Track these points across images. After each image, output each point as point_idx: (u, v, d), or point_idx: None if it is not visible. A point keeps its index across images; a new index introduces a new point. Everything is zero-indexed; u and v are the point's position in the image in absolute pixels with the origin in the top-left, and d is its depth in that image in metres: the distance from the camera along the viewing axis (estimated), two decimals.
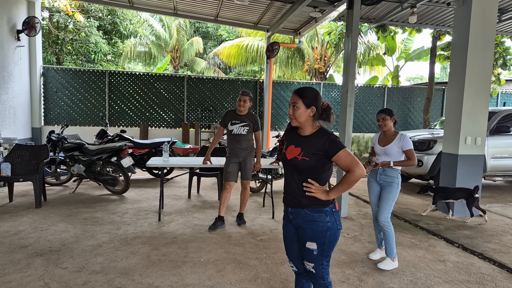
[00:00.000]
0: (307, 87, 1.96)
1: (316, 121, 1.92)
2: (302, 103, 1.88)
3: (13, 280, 2.73)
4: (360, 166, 1.81)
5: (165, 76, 9.59)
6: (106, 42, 15.56)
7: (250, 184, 4.51)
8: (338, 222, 1.91)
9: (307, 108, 1.88)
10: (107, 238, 3.68)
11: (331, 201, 1.90)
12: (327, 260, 1.94)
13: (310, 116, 1.89)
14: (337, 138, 1.87)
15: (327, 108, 1.91)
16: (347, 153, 1.82)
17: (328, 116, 1.92)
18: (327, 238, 1.87)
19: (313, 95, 1.91)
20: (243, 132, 4.18)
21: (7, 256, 3.16)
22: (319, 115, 1.90)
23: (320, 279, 1.95)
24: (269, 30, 9.42)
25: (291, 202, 1.97)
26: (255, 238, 3.86)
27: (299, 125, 1.93)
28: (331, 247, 1.91)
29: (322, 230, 1.87)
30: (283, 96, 10.07)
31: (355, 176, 1.82)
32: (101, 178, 5.43)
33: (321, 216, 1.87)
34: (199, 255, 3.34)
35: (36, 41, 8.50)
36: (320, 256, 1.90)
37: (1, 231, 3.76)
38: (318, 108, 1.89)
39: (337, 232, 1.91)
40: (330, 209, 1.89)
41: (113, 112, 9.19)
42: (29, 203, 4.90)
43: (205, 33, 20.12)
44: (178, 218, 4.46)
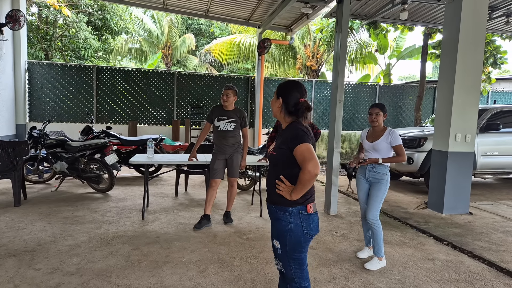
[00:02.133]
0: (289, 80, 1.93)
1: (287, 115, 1.87)
2: (275, 93, 1.91)
3: None
4: (312, 164, 1.70)
5: (155, 72, 9.40)
6: (96, 38, 15.28)
7: (238, 182, 4.40)
8: (305, 226, 1.79)
9: (277, 98, 1.88)
10: (86, 237, 3.54)
11: (300, 202, 1.78)
12: (296, 263, 1.82)
13: (278, 108, 1.88)
14: (300, 133, 1.78)
15: (299, 104, 1.83)
16: (305, 149, 1.73)
17: (299, 113, 1.83)
18: (288, 240, 1.79)
19: (285, 88, 1.88)
20: (229, 129, 4.06)
21: None
22: (288, 110, 1.85)
23: (292, 282, 1.86)
24: (261, 26, 9.29)
25: (267, 196, 1.93)
26: (241, 237, 3.75)
27: (276, 117, 1.95)
28: (295, 250, 1.80)
29: (283, 230, 1.80)
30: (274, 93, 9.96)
31: (304, 174, 1.70)
32: (85, 175, 5.27)
33: (284, 215, 1.80)
34: (182, 255, 3.22)
35: (21, 35, 8.24)
36: (285, 256, 1.82)
37: None
38: (286, 102, 1.84)
39: (302, 237, 1.79)
40: (297, 210, 1.79)
41: (101, 108, 8.99)
42: (8, 201, 4.73)
43: (197, 30, 19.91)
44: (163, 217, 4.33)
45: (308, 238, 1.82)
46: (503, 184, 7.38)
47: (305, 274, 1.86)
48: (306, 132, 1.80)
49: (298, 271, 1.83)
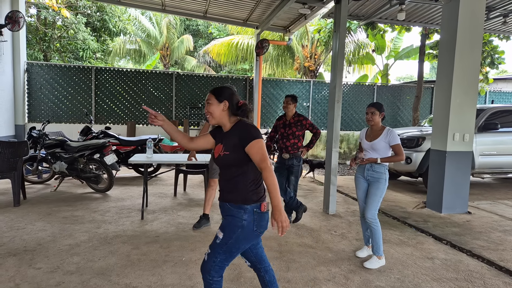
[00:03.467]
0: (221, 86, 2.01)
1: (232, 116, 1.93)
2: (214, 98, 1.92)
3: None
4: (268, 161, 1.78)
5: (153, 73, 9.42)
6: (95, 39, 15.28)
7: None
8: (256, 223, 1.85)
9: (220, 102, 1.91)
10: (86, 237, 3.55)
11: (255, 200, 1.85)
12: (224, 257, 1.87)
13: (224, 111, 1.91)
14: (251, 129, 1.85)
15: (242, 105, 1.93)
16: (259, 146, 1.79)
17: (244, 113, 1.93)
18: (236, 235, 1.84)
19: (226, 92, 1.94)
20: None
21: None
22: (234, 110, 1.92)
23: (207, 273, 1.89)
24: (259, 27, 9.32)
25: (220, 196, 1.97)
26: None
27: (217, 123, 1.95)
28: (237, 245, 1.86)
29: (235, 226, 1.84)
30: (272, 94, 9.99)
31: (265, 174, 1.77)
32: (84, 175, 5.27)
33: (239, 213, 1.84)
34: (181, 254, 3.23)
35: (20, 36, 8.25)
36: (220, 247, 1.86)
37: None
38: (232, 103, 1.92)
39: (252, 233, 1.86)
40: (252, 208, 1.84)
41: (99, 109, 9.00)
42: (8, 201, 4.72)
43: (195, 31, 19.94)
44: (162, 217, 4.34)
45: (256, 236, 1.89)
46: (502, 183, 7.42)
47: (222, 270, 1.91)
48: (255, 126, 1.89)
49: (218, 266, 1.88)
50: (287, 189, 4.21)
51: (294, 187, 4.28)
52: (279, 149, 4.27)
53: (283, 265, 3.06)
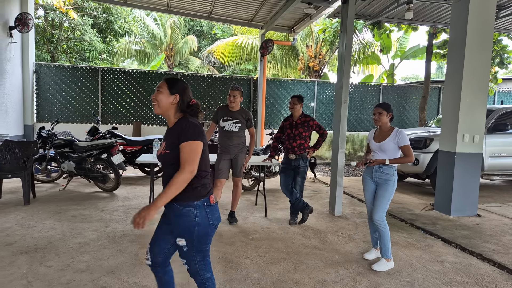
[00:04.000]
0: (176, 78, 1.94)
1: (179, 112, 1.87)
2: (166, 88, 1.85)
3: None
4: (191, 169, 1.73)
5: (158, 73, 9.47)
6: (101, 40, 15.41)
7: (242, 182, 4.42)
8: (210, 216, 1.84)
9: (171, 94, 1.84)
10: (95, 236, 3.58)
11: (203, 195, 1.83)
12: (201, 255, 1.86)
13: (172, 104, 1.85)
14: (191, 127, 1.79)
15: (194, 105, 1.89)
16: (191, 148, 1.75)
17: (193, 112, 1.89)
18: (196, 234, 1.81)
19: (182, 86, 1.88)
20: (234, 129, 4.09)
21: None
22: (184, 107, 1.87)
23: (196, 275, 1.89)
24: (263, 27, 9.33)
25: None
26: (247, 236, 3.77)
27: (161, 113, 1.87)
28: (202, 242, 1.84)
29: (190, 225, 1.80)
30: (277, 94, 9.98)
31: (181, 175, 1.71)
32: (92, 175, 5.32)
33: (190, 211, 1.80)
34: None
35: (29, 37, 8.35)
36: (191, 252, 1.84)
37: None
38: (183, 99, 1.86)
39: (209, 228, 1.85)
40: (201, 203, 1.82)
41: (106, 109, 9.07)
42: (18, 200, 4.78)
43: (199, 31, 19.99)
44: None
45: (214, 228, 1.88)
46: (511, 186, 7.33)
47: (208, 265, 1.91)
48: (198, 125, 1.83)
49: (202, 264, 1.88)
50: (293, 190, 4.21)
51: (300, 188, 4.27)
52: (285, 149, 4.27)
53: (290, 266, 3.05)
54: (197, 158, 1.76)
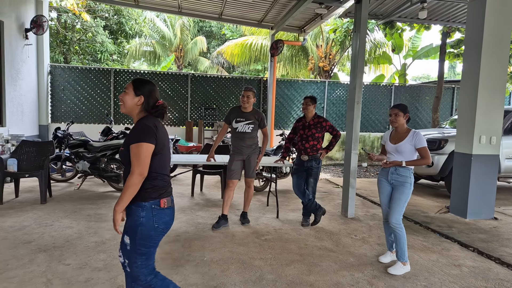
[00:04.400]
0: (143, 79, 1.97)
1: (143, 112, 1.91)
2: (132, 89, 1.89)
3: (15, 276, 2.68)
4: (139, 171, 1.74)
5: (169, 74, 9.55)
6: (112, 41, 15.61)
7: (253, 183, 4.42)
8: (156, 220, 1.84)
9: (136, 95, 1.88)
10: (110, 235, 3.63)
11: (154, 197, 1.83)
12: (143, 259, 1.85)
13: (137, 105, 1.89)
14: (144, 129, 1.80)
15: (159, 106, 1.92)
16: (139, 150, 1.75)
17: (158, 114, 1.92)
18: (138, 234, 1.81)
19: (147, 87, 1.91)
20: (247, 130, 4.09)
21: (11, 251, 3.12)
22: (149, 108, 1.90)
23: (137, 280, 1.88)
24: (274, 27, 9.32)
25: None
26: (260, 237, 3.77)
27: (127, 113, 1.93)
28: (143, 244, 1.83)
29: (135, 224, 1.82)
30: (287, 94, 9.96)
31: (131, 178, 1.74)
32: (105, 175, 5.39)
33: (137, 210, 1.82)
34: (203, 254, 3.26)
35: (44, 39, 8.51)
36: (133, 252, 1.84)
37: (6, 227, 3.73)
38: (148, 101, 1.90)
39: (153, 230, 1.84)
40: (150, 205, 1.83)
41: (118, 110, 9.18)
42: (35, 199, 4.87)
43: (208, 32, 20.09)
44: (181, 216, 4.40)
45: (160, 233, 1.87)
46: None
47: (149, 269, 1.90)
48: (153, 128, 1.82)
49: (143, 268, 1.87)
50: (306, 191, 4.20)
51: (313, 190, 4.26)
52: (298, 150, 4.26)
53: (305, 268, 3.05)
54: (145, 160, 1.77)
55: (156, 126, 1.84)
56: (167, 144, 1.93)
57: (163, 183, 1.88)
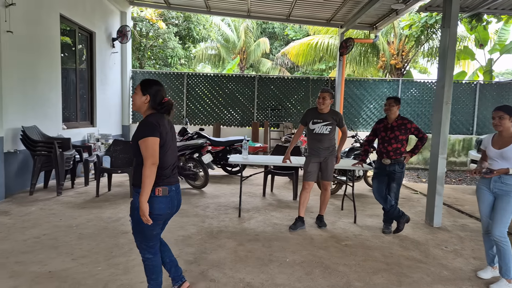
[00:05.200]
0: (152, 79, 2.20)
1: (150, 110, 2.15)
2: (140, 89, 2.15)
3: (120, 263, 2.99)
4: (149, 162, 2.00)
5: (237, 76, 9.85)
6: (181, 46, 16.63)
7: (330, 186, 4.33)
8: (150, 206, 2.05)
9: (143, 95, 2.13)
10: (195, 230, 3.86)
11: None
12: (141, 237, 2.16)
13: (144, 103, 2.14)
14: (148, 125, 2.05)
15: (165, 103, 2.15)
16: (147, 144, 2.01)
17: (164, 110, 2.16)
18: (136, 216, 2.08)
19: (153, 87, 2.15)
20: (325, 132, 4.03)
21: (112, 240, 3.49)
22: (155, 105, 2.14)
23: (139, 251, 2.23)
24: (343, 26, 9.06)
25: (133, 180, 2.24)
26: (339, 242, 3.69)
27: (136, 110, 2.19)
28: (140, 225, 2.09)
29: (133, 207, 2.10)
30: (356, 94, 9.60)
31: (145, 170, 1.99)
32: (184, 173, 5.74)
33: (136, 196, 2.09)
34: (284, 255, 3.29)
35: (127, 47, 9.39)
36: (134, 229, 2.17)
37: (104, 217, 4.19)
38: (154, 99, 2.14)
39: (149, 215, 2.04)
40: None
41: (189, 111, 9.75)
42: (124, 192, 5.39)
43: (271, 33, 20.27)
44: (257, 216, 4.50)
45: (152, 218, 2.06)
46: None
47: (151, 249, 2.20)
48: (156, 124, 2.06)
49: (144, 245, 2.18)
50: (388, 197, 3.99)
51: (395, 195, 4.04)
52: (379, 153, 4.07)
53: (394, 278, 2.90)
54: (154, 151, 2.02)
55: (158, 123, 2.08)
56: (170, 139, 2.19)
57: (161, 173, 2.10)
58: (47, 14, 5.83)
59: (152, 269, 2.22)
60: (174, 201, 2.20)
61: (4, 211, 4.26)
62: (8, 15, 4.81)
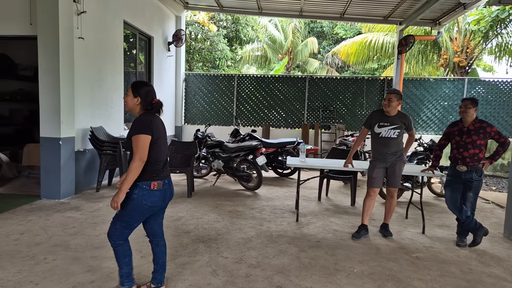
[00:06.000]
0: (143, 82, 2.40)
1: (142, 109, 2.29)
2: (131, 92, 2.29)
3: (186, 263, 3.04)
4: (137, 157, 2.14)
5: (286, 77, 9.74)
6: (228, 48, 16.93)
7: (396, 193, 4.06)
8: (146, 198, 2.23)
9: (134, 97, 2.28)
10: (254, 233, 3.83)
11: (147, 179, 2.22)
12: (122, 225, 2.26)
13: (136, 105, 2.29)
14: (140, 123, 2.20)
15: (154, 103, 2.30)
16: (137, 141, 2.16)
17: (155, 110, 2.30)
18: (129, 206, 2.23)
19: (144, 89, 2.29)
20: (393, 135, 3.78)
21: (176, 239, 3.58)
22: (146, 106, 2.28)
23: (109, 238, 2.28)
24: (402, 23, 8.55)
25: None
26: (409, 254, 3.43)
27: (129, 110, 2.33)
28: (130, 215, 2.24)
29: (128, 198, 2.23)
30: (415, 94, 9.00)
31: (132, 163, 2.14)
32: (238, 174, 5.78)
33: (132, 188, 2.22)
34: (351, 264, 3.13)
35: (181, 50, 9.73)
36: (118, 217, 2.26)
37: (166, 216, 4.24)
38: (145, 100, 2.28)
39: (142, 206, 2.24)
40: (142, 185, 2.23)
41: (239, 112, 9.84)
42: (181, 192, 5.55)
43: (319, 32, 19.86)
44: (315, 221, 4.36)
45: (147, 209, 2.26)
46: None
47: (123, 235, 2.29)
48: (147, 122, 2.21)
49: (118, 232, 2.27)
50: (463, 207, 3.64)
51: (472, 205, 3.68)
52: (453, 160, 3.73)
53: None
54: (144, 148, 2.16)
55: (151, 121, 2.22)
56: (163, 136, 2.32)
57: (156, 168, 2.26)
58: (113, 21, 6.21)
59: (124, 253, 2.32)
60: (166, 193, 2.36)
61: (75, 206, 4.58)
62: (79, 23, 5.19)
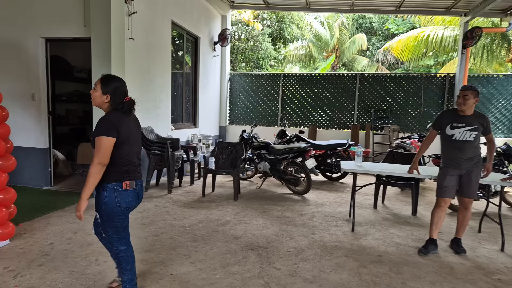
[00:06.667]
0: (113, 76, 2.17)
1: (111, 108, 2.12)
2: (100, 88, 2.10)
3: (237, 273, 2.85)
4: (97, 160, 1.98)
5: (335, 76, 9.26)
6: (272, 48, 16.72)
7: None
8: (119, 199, 2.09)
9: (103, 94, 2.10)
10: (306, 242, 3.54)
11: (117, 179, 2.08)
12: (113, 230, 2.16)
13: (105, 102, 2.12)
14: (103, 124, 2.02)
15: (126, 102, 2.12)
16: (99, 143, 1.99)
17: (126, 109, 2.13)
18: (103, 211, 2.11)
19: (113, 87, 2.11)
20: (469, 138, 3.28)
21: (224, 245, 3.41)
22: (117, 105, 2.11)
23: (112, 245, 2.21)
24: (468, 14, 7.71)
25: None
26: (489, 276, 2.93)
27: (97, 106, 2.15)
28: (111, 220, 2.12)
29: (100, 203, 2.10)
30: (482, 93, 8.05)
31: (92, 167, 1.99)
32: (285, 177, 5.52)
33: (101, 191, 2.09)
34: (421, 285, 2.73)
35: (226, 50, 9.70)
36: (104, 224, 2.16)
37: (213, 219, 4.19)
38: (114, 98, 2.10)
39: (116, 208, 2.10)
40: (112, 186, 2.08)
41: (284, 112, 9.57)
42: (227, 194, 5.42)
43: (368, 28, 18.88)
44: (373, 232, 3.96)
45: (122, 211, 2.13)
46: None
47: (123, 240, 2.21)
48: (113, 122, 2.03)
49: (115, 237, 2.18)
50: None
51: None
52: None
53: None
54: (105, 151, 2.00)
55: (118, 121, 2.04)
56: (135, 135, 2.18)
57: (127, 168, 2.13)
58: (161, 21, 6.28)
59: (127, 259, 2.24)
60: (140, 194, 2.24)
61: None
62: (130, 23, 5.27)
